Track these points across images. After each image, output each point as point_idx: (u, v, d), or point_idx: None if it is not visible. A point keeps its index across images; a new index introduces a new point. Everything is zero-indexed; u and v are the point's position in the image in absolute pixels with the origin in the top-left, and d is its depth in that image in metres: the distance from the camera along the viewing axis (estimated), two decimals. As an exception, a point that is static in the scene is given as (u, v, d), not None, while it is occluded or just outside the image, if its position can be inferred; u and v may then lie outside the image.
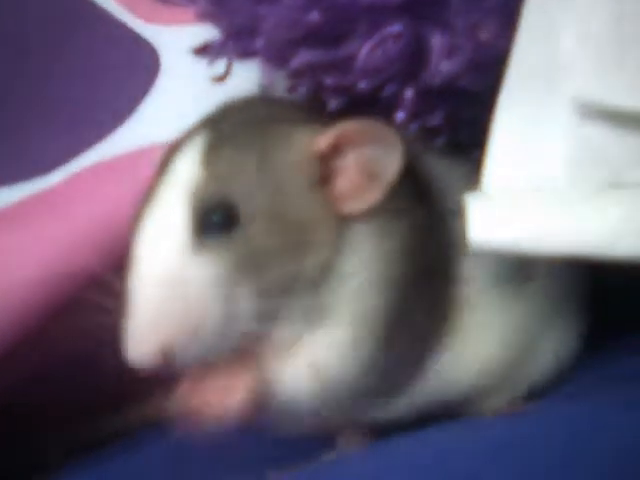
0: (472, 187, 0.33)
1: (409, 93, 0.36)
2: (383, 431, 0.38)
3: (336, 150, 0.33)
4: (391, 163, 0.33)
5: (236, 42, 0.38)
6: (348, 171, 0.34)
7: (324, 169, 0.34)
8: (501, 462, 0.28)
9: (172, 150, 0.35)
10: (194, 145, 0.34)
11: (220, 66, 0.41)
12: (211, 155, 0.33)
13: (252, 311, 0.32)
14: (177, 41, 0.49)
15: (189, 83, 0.47)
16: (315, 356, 0.33)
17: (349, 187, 0.34)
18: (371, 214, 0.34)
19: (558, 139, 0.32)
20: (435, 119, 0.37)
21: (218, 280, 0.32)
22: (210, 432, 0.33)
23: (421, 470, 0.29)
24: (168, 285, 0.32)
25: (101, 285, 0.34)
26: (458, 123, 0.38)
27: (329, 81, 0.37)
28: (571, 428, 0.29)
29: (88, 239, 0.41)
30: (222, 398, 0.33)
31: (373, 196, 0.33)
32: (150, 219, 0.33)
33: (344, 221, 0.34)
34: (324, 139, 0.33)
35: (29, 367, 0.42)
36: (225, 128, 0.34)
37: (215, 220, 0.32)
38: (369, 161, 0.33)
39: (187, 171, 0.33)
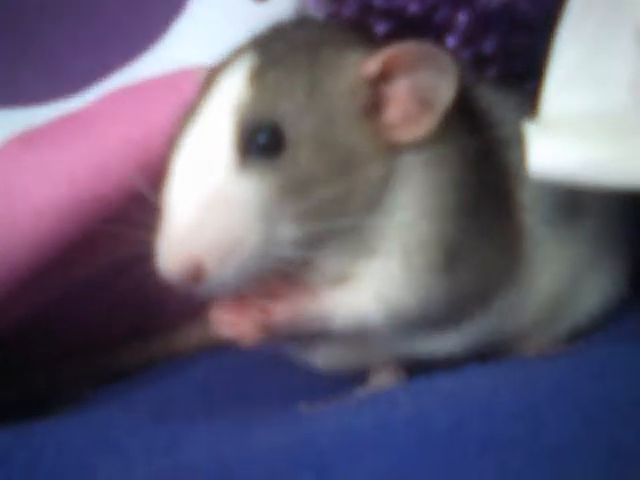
0: (527, 117, 0.32)
1: (463, 17, 0.35)
2: (415, 368, 0.37)
3: (387, 75, 0.32)
4: (445, 89, 0.32)
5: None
6: (399, 97, 0.32)
7: (374, 95, 0.32)
8: (556, 400, 0.27)
9: (218, 69, 0.34)
10: (242, 65, 0.33)
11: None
12: (259, 75, 0.32)
13: (292, 236, 0.31)
14: None
15: (222, 5, 0.46)
16: (378, 287, 0.32)
17: (400, 115, 0.32)
18: (422, 143, 0.32)
19: (621, 66, 0.31)
20: (488, 46, 0.35)
21: (260, 201, 0.31)
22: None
23: (462, 407, 0.28)
24: (207, 200, 0.30)
25: (136, 204, 0.33)
26: (511, 52, 0.36)
27: (379, 2, 0.35)
28: (622, 368, 0.28)
29: (121, 159, 0.40)
30: (261, 317, 0.32)
31: (426, 124, 0.32)
32: (194, 134, 0.32)
33: (394, 150, 0.32)
34: (374, 63, 0.32)
35: (57, 292, 0.41)
36: (274, 50, 0.33)
37: (261, 141, 0.31)
38: (422, 87, 0.32)
39: (234, 89, 0.32)
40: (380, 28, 0.36)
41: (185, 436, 0.32)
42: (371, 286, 0.33)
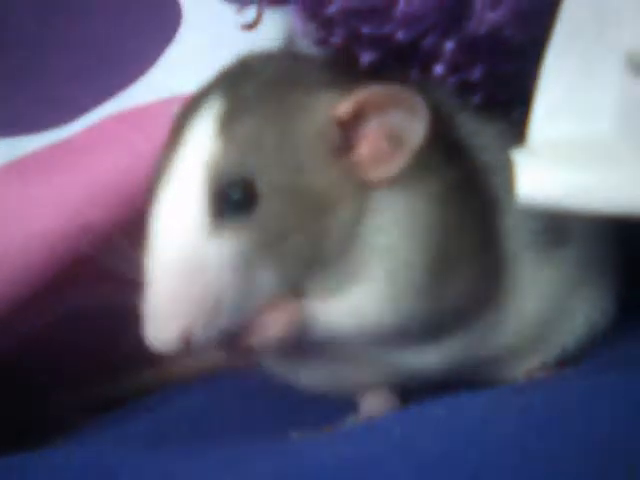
0: (513, 144, 0.32)
1: (450, 45, 0.35)
2: (408, 395, 0.37)
3: (358, 116, 0.32)
4: (416, 129, 0.32)
5: (269, -13, 0.36)
6: (370, 137, 0.32)
7: (346, 136, 0.32)
8: (548, 431, 0.27)
9: (186, 113, 0.33)
10: (210, 110, 0.32)
11: (249, 14, 0.40)
12: (228, 126, 0.32)
13: (273, 283, 0.32)
14: None
15: (211, 34, 0.47)
16: (356, 306, 0.33)
17: (371, 154, 0.32)
18: (396, 179, 0.32)
19: (608, 93, 0.31)
20: (475, 74, 0.36)
21: (237, 261, 0.31)
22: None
23: (454, 436, 0.28)
24: (185, 268, 0.31)
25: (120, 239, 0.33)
26: (498, 79, 0.36)
27: (366, 30, 0.35)
28: (612, 396, 0.28)
29: (109, 190, 0.40)
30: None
31: (397, 163, 0.32)
32: (166, 195, 0.32)
33: (368, 189, 0.33)
34: (345, 106, 0.32)
35: (48, 320, 0.41)
36: (242, 91, 0.33)
37: (233, 198, 0.31)
38: (393, 127, 0.32)
39: (203, 141, 0.32)
40: (367, 56, 0.36)
41: (179, 466, 0.31)
42: (351, 305, 0.33)
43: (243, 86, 0.33)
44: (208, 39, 0.46)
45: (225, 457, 0.31)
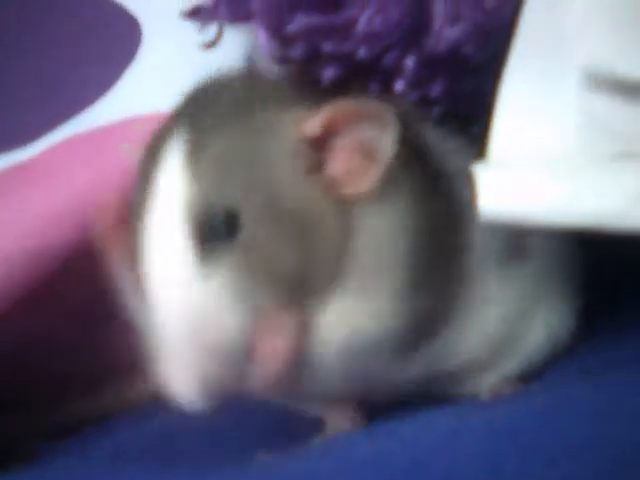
0: (474, 159, 0.32)
1: (410, 61, 0.35)
2: (374, 412, 0.37)
3: (328, 132, 0.32)
4: (387, 141, 0.32)
5: (229, 5, 0.36)
6: (343, 153, 0.32)
7: (318, 153, 0.32)
8: (516, 443, 0.27)
9: (153, 149, 0.33)
10: (175, 146, 0.32)
11: (210, 32, 0.40)
12: (196, 157, 0.31)
13: (269, 300, 0.31)
14: (159, 11, 0.48)
15: (171, 54, 0.47)
16: (347, 321, 0.33)
17: (346, 170, 0.32)
18: (374, 192, 0.32)
19: (568, 108, 0.32)
20: (435, 89, 0.36)
21: (232, 287, 0.30)
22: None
23: (422, 449, 0.28)
24: (189, 316, 0.30)
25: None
26: (458, 94, 0.37)
27: (327, 47, 0.35)
28: (591, 410, 0.28)
29: (68, 212, 0.39)
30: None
31: (372, 177, 0.32)
32: (149, 240, 0.31)
33: (347, 203, 0.32)
34: (313, 123, 0.32)
35: (7, 345, 0.40)
36: (205, 121, 0.32)
37: (217, 229, 0.30)
38: (364, 141, 0.32)
39: (174, 181, 0.31)
40: (328, 72, 0.36)
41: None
42: (336, 315, 0.33)
43: (206, 114, 0.33)
44: (169, 58, 0.46)
45: (188, 477, 0.31)
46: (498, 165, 0.31)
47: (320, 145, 0.32)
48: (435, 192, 0.34)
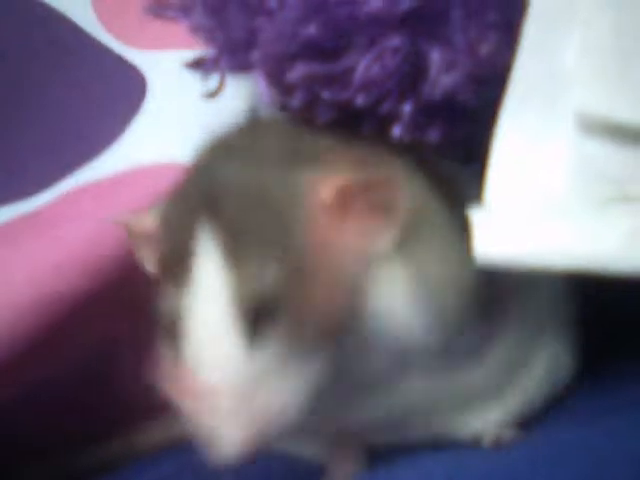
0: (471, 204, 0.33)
1: (407, 108, 0.35)
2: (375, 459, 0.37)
3: (342, 199, 0.33)
4: (399, 201, 0.33)
5: (231, 56, 0.37)
6: (358, 215, 0.33)
7: (335, 216, 0.33)
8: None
9: (179, 237, 0.33)
10: (206, 244, 0.32)
11: (212, 82, 0.41)
12: (231, 254, 0.32)
13: (318, 361, 0.32)
14: (164, 65, 0.49)
15: (176, 105, 0.47)
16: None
17: (362, 230, 0.33)
18: (396, 245, 0.33)
19: (561, 153, 0.32)
20: (433, 134, 0.36)
21: (280, 365, 0.31)
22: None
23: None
24: (240, 393, 0.31)
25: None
26: (455, 140, 0.37)
27: (326, 95, 0.36)
28: (583, 455, 0.28)
29: (76, 259, 0.40)
30: None
31: (389, 234, 0.33)
32: (194, 328, 0.32)
33: (370, 260, 0.33)
34: (327, 192, 0.33)
35: (15, 391, 0.41)
36: (227, 211, 0.33)
37: (262, 312, 0.31)
38: (377, 204, 0.33)
39: (213, 271, 0.32)
40: (324, 116, 0.37)
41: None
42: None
43: (224, 203, 0.33)
44: (173, 109, 0.47)
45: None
46: (493, 209, 0.32)
47: (335, 210, 0.33)
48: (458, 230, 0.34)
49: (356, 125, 0.36)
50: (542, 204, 0.31)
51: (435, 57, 0.35)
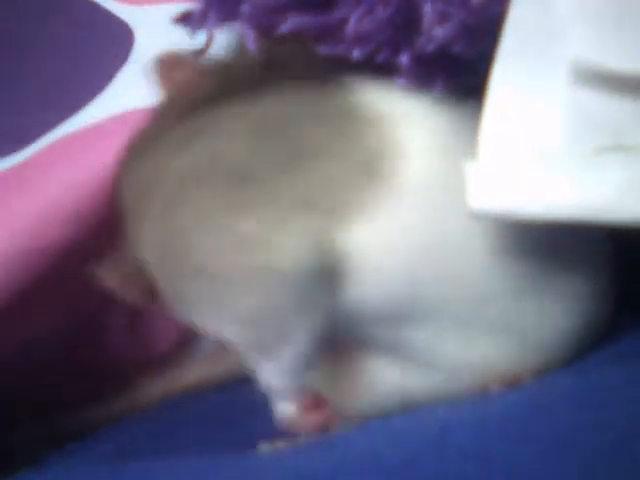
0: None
1: (405, 58, 0.35)
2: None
3: None
4: None
5: (219, 8, 0.37)
6: None
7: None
8: (506, 436, 0.27)
9: None
10: None
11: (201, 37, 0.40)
12: None
13: None
14: (151, 19, 0.49)
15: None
16: None
17: None
18: None
19: (555, 104, 0.32)
20: (437, 85, 0.36)
21: None
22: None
23: (414, 446, 0.28)
24: None
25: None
26: (459, 90, 0.37)
27: (323, 50, 0.35)
28: (579, 400, 0.29)
29: (62, 209, 0.40)
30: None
31: None
32: None
33: None
34: None
35: (8, 348, 0.41)
36: None
37: None
38: None
39: None
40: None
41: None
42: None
43: None
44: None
45: (191, 469, 0.31)
46: (487, 161, 0.32)
47: None
48: None
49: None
50: (536, 155, 0.31)
51: (427, 8, 0.34)
